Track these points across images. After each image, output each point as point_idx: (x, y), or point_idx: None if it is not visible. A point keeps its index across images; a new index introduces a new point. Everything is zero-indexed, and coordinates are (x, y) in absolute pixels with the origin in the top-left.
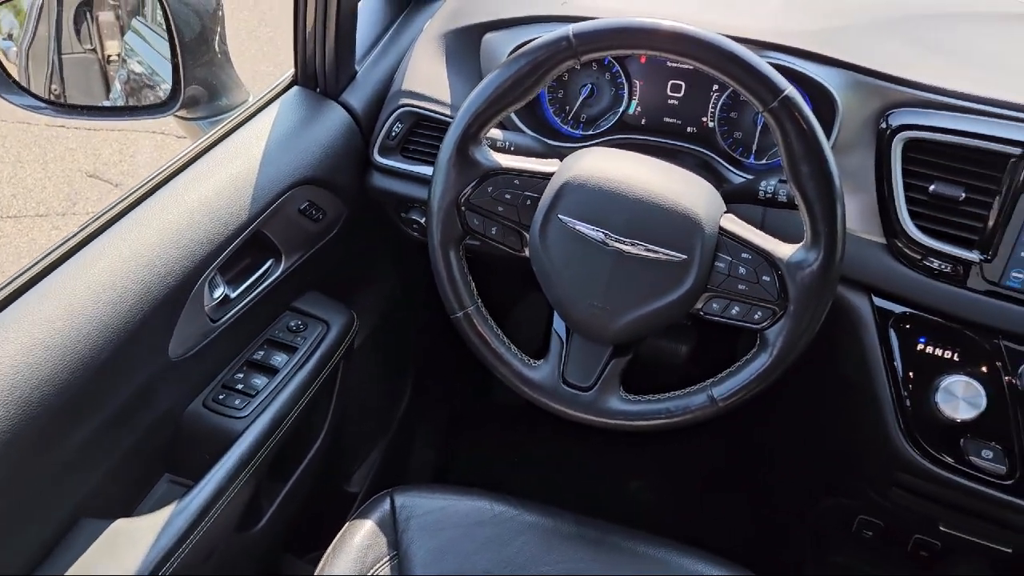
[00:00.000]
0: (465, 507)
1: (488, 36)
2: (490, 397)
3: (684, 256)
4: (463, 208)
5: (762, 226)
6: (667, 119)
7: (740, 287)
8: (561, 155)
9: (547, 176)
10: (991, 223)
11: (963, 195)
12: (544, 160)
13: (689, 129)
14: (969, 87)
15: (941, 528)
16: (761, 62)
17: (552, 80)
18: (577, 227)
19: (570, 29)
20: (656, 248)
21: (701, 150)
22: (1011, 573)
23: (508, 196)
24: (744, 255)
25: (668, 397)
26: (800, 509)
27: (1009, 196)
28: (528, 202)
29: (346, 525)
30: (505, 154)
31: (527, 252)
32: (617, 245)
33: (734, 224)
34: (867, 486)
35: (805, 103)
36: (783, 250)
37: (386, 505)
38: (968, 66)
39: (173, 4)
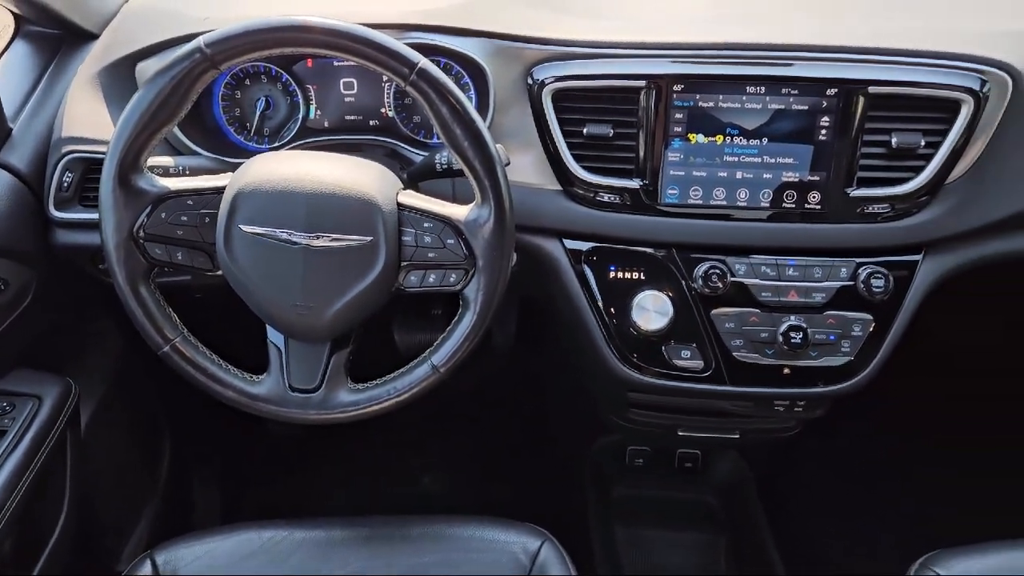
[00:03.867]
0: (232, 544)
1: (140, 65)
2: (264, 425)
3: (370, 237)
4: (141, 240)
5: (454, 197)
6: (348, 117)
7: (430, 255)
8: (235, 169)
9: (220, 190)
10: (641, 152)
11: (612, 132)
12: (215, 176)
13: (372, 122)
14: (597, 36)
15: (680, 433)
16: (392, 41)
17: (198, 93)
18: (260, 233)
19: (201, 39)
20: (341, 236)
21: (387, 140)
22: (757, 457)
23: (185, 218)
24: (426, 224)
25: (393, 377)
26: (577, 456)
27: (648, 124)
28: (207, 220)
29: None
30: (176, 178)
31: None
32: (303, 242)
33: (411, 198)
34: (613, 415)
35: (440, 71)
36: (459, 212)
37: (146, 568)
38: (597, 19)
39: None
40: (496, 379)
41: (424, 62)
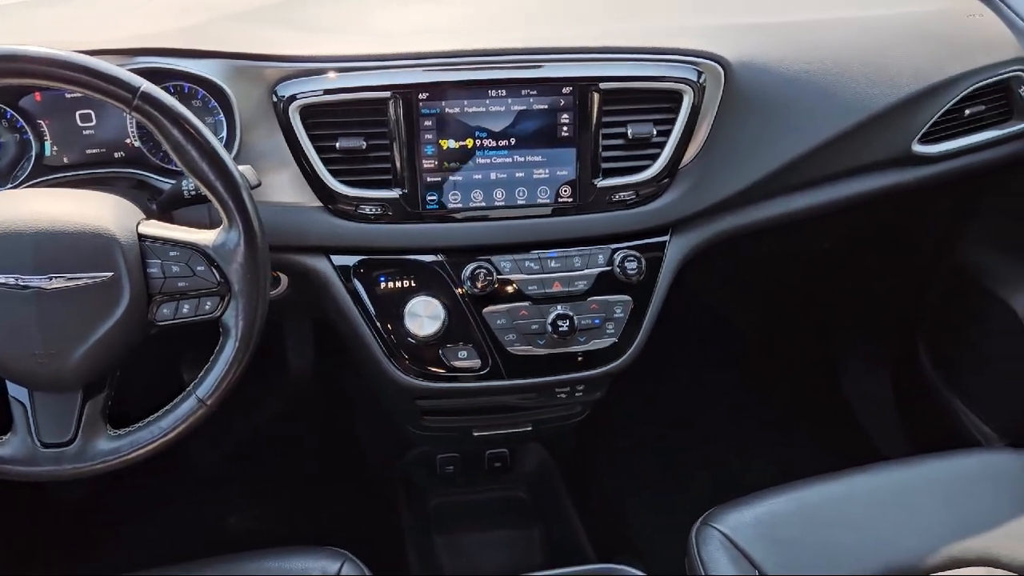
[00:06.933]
0: None
1: None
2: (40, 490)
3: (110, 273)
4: None
5: (211, 223)
6: (90, 150)
7: (180, 284)
8: None
9: None
10: (397, 161)
11: (365, 144)
12: None
13: (117, 154)
14: (340, 50)
15: (476, 434)
16: (109, 66)
17: None
18: None
19: None
20: (77, 275)
21: (135, 171)
22: (559, 446)
23: None
24: (172, 253)
25: (157, 416)
26: (389, 472)
27: (399, 133)
28: None
29: None
30: None
31: None
32: (35, 284)
33: (152, 227)
34: (409, 425)
35: (165, 93)
36: (207, 237)
37: None
38: (342, 34)
39: None
40: (300, 404)
41: (147, 85)
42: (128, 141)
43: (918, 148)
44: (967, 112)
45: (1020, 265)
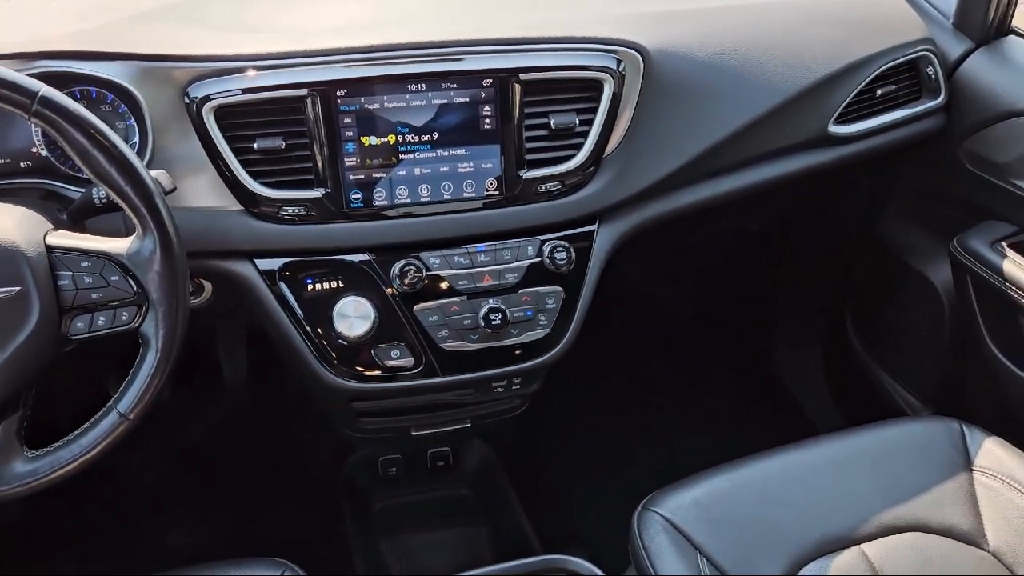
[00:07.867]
0: None
1: None
2: None
3: (16, 288)
4: None
5: (126, 232)
6: None
7: (94, 296)
8: None
9: None
10: (318, 160)
11: (284, 144)
12: None
13: (23, 164)
14: (250, 49)
15: (414, 433)
16: (5, 71)
17: None
18: None
19: None
20: None
21: (43, 181)
22: (502, 441)
23: None
24: (84, 264)
25: (77, 434)
26: (331, 477)
27: (318, 132)
28: None
29: None
30: None
31: None
32: None
33: (60, 238)
34: (346, 428)
35: (66, 98)
36: (119, 246)
37: None
38: (257, 33)
39: None
40: (237, 412)
41: (46, 90)
42: (34, 150)
43: (834, 129)
44: (879, 92)
45: (936, 239)
